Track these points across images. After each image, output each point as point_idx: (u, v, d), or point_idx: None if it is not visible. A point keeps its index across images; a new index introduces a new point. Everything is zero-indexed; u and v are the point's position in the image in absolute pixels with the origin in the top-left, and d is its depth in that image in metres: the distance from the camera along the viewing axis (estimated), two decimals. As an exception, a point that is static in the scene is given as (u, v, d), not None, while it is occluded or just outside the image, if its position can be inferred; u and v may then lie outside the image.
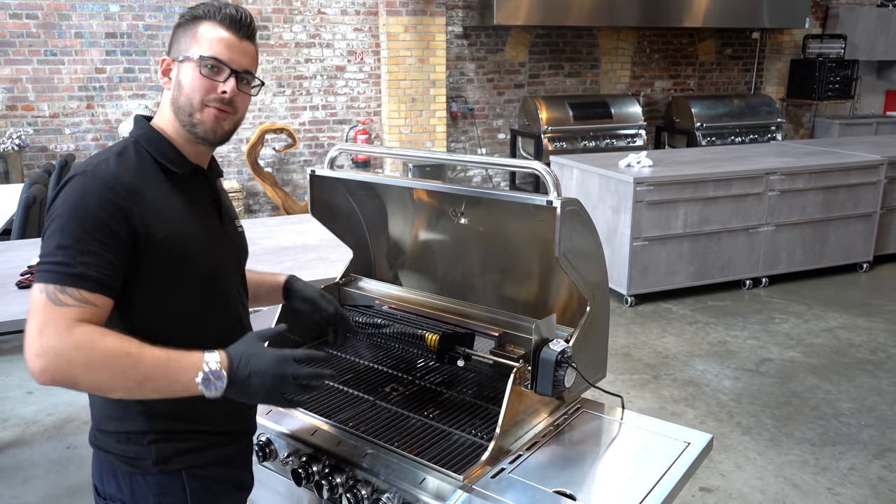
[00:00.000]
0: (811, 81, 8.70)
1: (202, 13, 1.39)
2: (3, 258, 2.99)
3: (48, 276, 1.20)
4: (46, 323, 1.16)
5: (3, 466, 3.18)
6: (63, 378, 1.16)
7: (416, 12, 7.11)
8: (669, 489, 1.48)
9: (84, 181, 1.26)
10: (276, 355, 1.29)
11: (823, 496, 2.98)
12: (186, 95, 1.37)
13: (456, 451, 1.60)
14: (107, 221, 1.24)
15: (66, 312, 1.18)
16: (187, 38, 1.38)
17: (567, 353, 1.60)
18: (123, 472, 1.37)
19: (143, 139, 1.39)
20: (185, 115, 1.38)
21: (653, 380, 4.03)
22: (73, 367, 1.16)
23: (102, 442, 1.38)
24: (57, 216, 1.23)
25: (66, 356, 1.16)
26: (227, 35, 1.37)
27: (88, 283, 1.21)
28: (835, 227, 5.68)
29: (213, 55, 1.36)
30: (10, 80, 6.22)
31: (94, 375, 1.18)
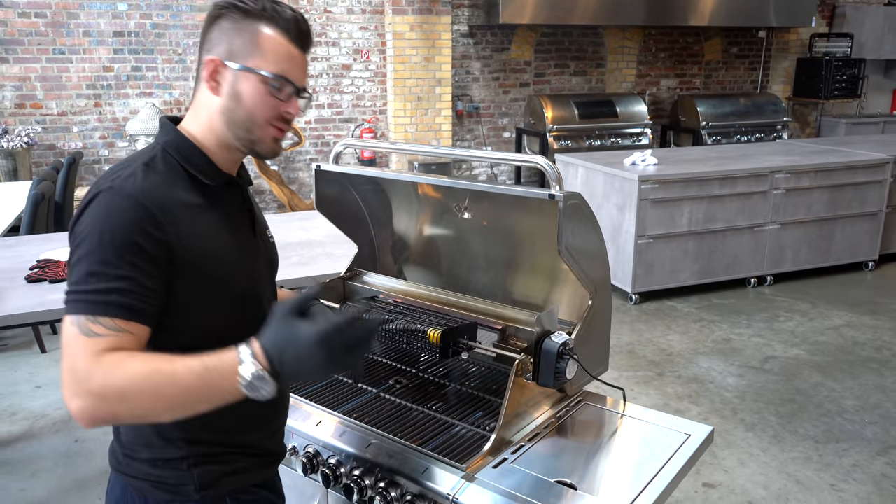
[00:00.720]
0: (818, 80, 8.68)
1: (258, 11, 1.22)
2: (13, 253, 3.02)
3: (79, 306, 1.08)
4: (76, 358, 1.06)
5: (12, 460, 3.22)
6: (105, 416, 1.07)
7: (422, 11, 7.13)
8: (669, 479, 1.50)
9: (111, 198, 1.13)
10: (317, 334, 1.09)
11: (826, 492, 2.98)
12: (247, 111, 1.24)
13: (459, 442, 1.62)
14: (139, 243, 1.12)
15: (96, 343, 1.07)
16: (244, 42, 1.22)
17: (569, 345, 1.62)
18: (159, 500, 1.25)
19: (172, 147, 1.25)
20: (243, 131, 1.25)
21: (657, 377, 4.04)
22: (108, 401, 1.06)
23: (132, 468, 1.26)
24: (84, 239, 1.12)
25: (98, 391, 1.05)
26: (295, 51, 1.26)
27: (122, 310, 1.10)
28: (840, 226, 5.67)
29: (285, 75, 1.23)
30: (18, 79, 6.27)
31: (132, 405, 1.07)
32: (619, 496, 1.44)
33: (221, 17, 1.24)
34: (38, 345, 4.31)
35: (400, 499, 1.52)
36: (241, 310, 1.30)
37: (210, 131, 1.27)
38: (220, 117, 1.25)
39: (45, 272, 2.69)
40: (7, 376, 4.01)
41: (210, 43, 1.25)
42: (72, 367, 1.06)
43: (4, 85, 6.24)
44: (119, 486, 1.29)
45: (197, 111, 1.28)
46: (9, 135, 5.95)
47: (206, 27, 1.26)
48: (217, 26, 1.24)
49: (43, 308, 2.36)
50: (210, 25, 1.26)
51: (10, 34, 6.17)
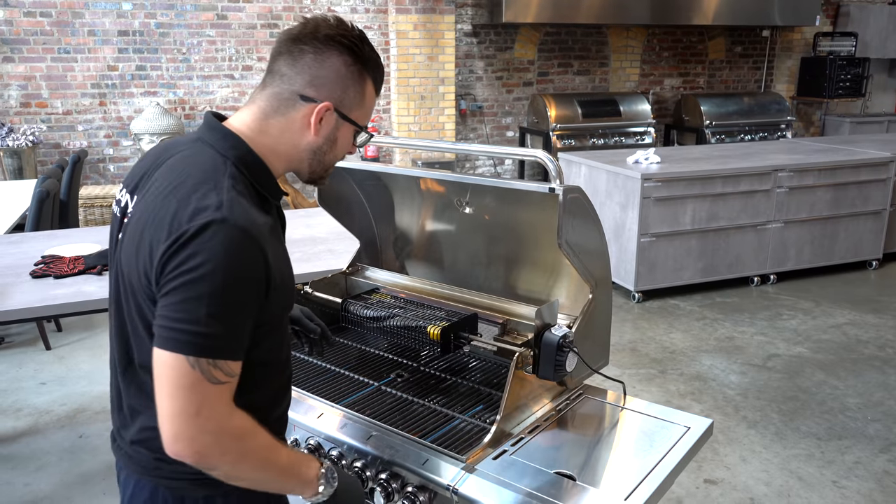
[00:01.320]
0: (822, 79, 8.67)
1: (368, 61, 1.25)
2: (18, 249, 3.04)
3: (197, 349, 1.07)
4: (203, 404, 1.08)
5: (17, 455, 3.24)
6: (208, 462, 1.12)
7: (426, 10, 7.15)
8: (668, 471, 1.51)
9: (228, 233, 1.08)
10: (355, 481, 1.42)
11: (828, 489, 2.99)
12: (336, 156, 1.31)
13: (459, 434, 1.63)
14: (254, 279, 1.11)
15: (222, 393, 1.10)
16: (356, 94, 1.26)
17: (569, 338, 1.63)
18: (197, 497, 1.25)
19: (244, 164, 1.20)
20: (322, 169, 1.31)
21: (659, 374, 4.05)
22: (225, 455, 1.12)
23: (167, 472, 1.24)
24: (203, 277, 1.06)
25: (224, 445, 1.11)
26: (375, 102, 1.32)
27: (237, 353, 1.12)
28: (844, 225, 5.67)
29: (371, 132, 1.33)
30: (24, 78, 6.30)
31: (239, 468, 1.15)
32: (619, 487, 1.45)
33: (335, 52, 1.22)
34: (42, 342, 4.34)
35: (400, 490, 1.53)
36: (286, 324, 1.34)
37: (283, 157, 1.26)
38: (307, 154, 1.27)
39: (49, 267, 2.70)
40: (12, 373, 4.04)
41: (320, 79, 1.22)
42: (197, 411, 1.08)
43: (10, 84, 6.28)
44: (147, 490, 1.27)
45: (271, 132, 1.24)
46: (14, 133, 5.99)
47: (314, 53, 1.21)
48: (330, 63, 1.22)
49: (47, 303, 2.38)
50: (320, 55, 1.21)
51: (16, 33, 6.20)
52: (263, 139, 1.24)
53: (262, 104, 1.24)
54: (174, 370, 1.07)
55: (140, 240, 1.16)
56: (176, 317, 1.08)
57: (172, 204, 1.12)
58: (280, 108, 1.23)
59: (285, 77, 1.23)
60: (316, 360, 1.99)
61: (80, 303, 2.41)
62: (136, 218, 1.20)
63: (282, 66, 1.23)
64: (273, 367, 1.28)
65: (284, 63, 1.23)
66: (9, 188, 4.99)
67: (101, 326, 4.61)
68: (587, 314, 1.78)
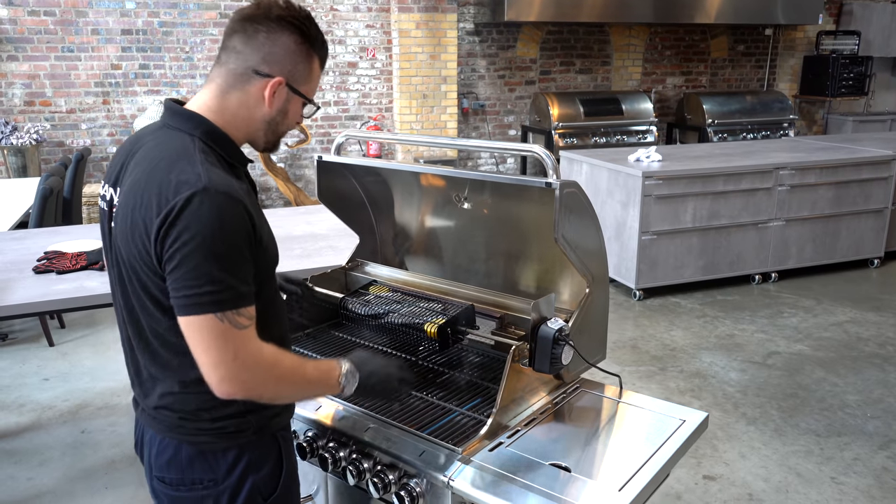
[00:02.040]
0: (824, 78, 8.66)
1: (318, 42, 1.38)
2: (21, 245, 3.07)
3: (220, 304, 1.21)
4: (239, 349, 1.24)
5: (20, 450, 3.26)
6: (254, 393, 1.30)
7: (428, 9, 7.16)
8: (663, 463, 1.52)
9: (213, 199, 1.20)
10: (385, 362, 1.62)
11: (827, 485, 2.99)
12: (287, 126, 1.42)
13: (456, 427, 1.64)
14: (244, 233, 1.25)
15: (249, 334, 1.26)
16: (305, 70, 1.37)
17: (565, 331, 1.64)
18: (218, 450, 1.38)
19: (210, 137, 1.32)
20: (276, 137, 1.43)
21: (659, 371, 4.06)
22: (266, 383, 1.30)
23: (191, 428, 1.36)
24: (202, 242, 1.19)
25: (262, 375, 1.28)
26: None
27: (251, 299, 1.27)
28: (846, 223, 5.67)
29: (318, 104, 1.45)
30: (28, 76, 6.33)
31: (280, 390, 1.35)
32: (613, 478, 1.46)
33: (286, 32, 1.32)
34: (46, 338, 4.36)
35: (397, 482, 1.54)
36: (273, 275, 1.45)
37: (241, 129, 1.37)
38: (262, 125, 1.38)
39: (52, 263, 2.73)
40: (16, 369, 4.06)
41: (273, 56, 1.33)
42: (235, 356, 1.23)
43: (14, 83, 6.31)
44: (172, 447, 1.39)
45: (229, 107, 1.35)
46: (18, 132, 6.02)
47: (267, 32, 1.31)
48: (282, 42, 1.32)
49: (49, 298, 2.40)
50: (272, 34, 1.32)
51: (20, 32, 6.23)
52: (223, 114, 1.35)
53: (219, 81, 1.35)
54: (205, 329, 1.21)
55: (132, 223, 1.26)
56: (191, 284, 1.20)
57: (155, 184, 1.24)
58: (237, 84, 1.34)
59: (241, 54, 1.33)
60: (313, 354, 2.01)
61: (81, 297, 2.43)
62: (122, 205, 1.30)
63: (237, 43, 1.33)
64: (274, 311, 1.44)
65: (239, 41, 1.33)
66: (13, 186, 5.01)
67: (103, 323, 4.63)
68: (584, 309, 1.79)
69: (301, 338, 2.12)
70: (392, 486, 1.54)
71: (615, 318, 4.84)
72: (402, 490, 1.52)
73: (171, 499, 1.41)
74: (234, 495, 1.39)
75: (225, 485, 1.38)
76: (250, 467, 1.40)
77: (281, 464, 1.45)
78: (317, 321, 2.20)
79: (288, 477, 1.47)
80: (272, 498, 1.43)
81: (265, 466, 1.42)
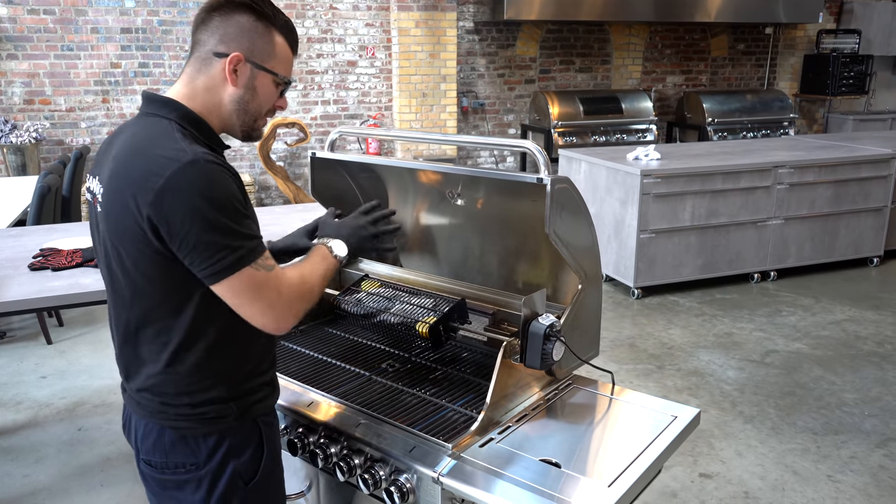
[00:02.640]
0: (825, 77, 8.65)
1: (272, 17, 1.39)
2: (17, 242, 3.07)
3: (248, 258, 1.28)
4: (280, 285, 1.34)
5: (16, 447, 3.27)
6: (302, 314, 1.40)
7: (428, 7, 7.16)
8: (653, 458, 1.52)
9: (201, 169, 1.24)
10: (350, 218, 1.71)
11: (823, 483, 2.99)
12: (259, 104, 1.42)
13: (447, 423, 1.64)
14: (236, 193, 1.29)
15: (279, 272, 1.35)
16: (265, 45, 1.39)
17: (556, 327, 1.64)
18: (199, 435, 1.40)
19: (186, 121, 1.35)
20: (251, 119, 1.42)
21: (657, 370, 4.05)
22: (306, 299, 1.41)
23: (172, 412, 1.39)
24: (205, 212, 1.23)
25: (302, 297, 1.39)
26: (291, 55, 1.45)
27: (263, 244, 1.35)
28: (845, 221, 5.66)
29: (288, 76, 1.44)
30: (27, 75, 6.34)
31: (314, 295, 1.43)
32: (603, 474, 1.46)
33: (238, 12, 1.36)
34: (44, 336, 4.37)
35: (387, 477, 1.54)
36: None
37: (215, 113, 1.39)
38: (232, 105, 1.39)
39: (47, 260, 2.73)
40: (13, 366, 4.07)
41: (228, 35, 1.36)
42: (279, 293, 1.33)
43: (13, 81, 6.31)
44: (154, 432, 1.41)
45: (197, 92, 1.38)
46: (17, 130, 6.02)
47: (220, 16, 1.36)
48: (235, 21, 1.36)
49: (44, 294, 2.40)
50: (225, 16, 1.36)
51: (19, 31, 6.23)
52: (195, 99, 1.38)
53: (188, 70, 1.39)
54: (247, 283, 1.29)
55: (121, 204, 1.28)
56: (213, 251, 1.25)
57: (140, 164, 1.27)
58: (202, 69, 1.38)
59: (201, 42, 1.38)
60: (307, 350, 2.01)
61: (76, 294, 2.43)
62: (108, 191, 1.33)
63: (199, 34, 1.38)
64: None
65: (200, 32, 1.38)
66: (12, 184, 5.02)
67: (102, 321, 4.63)
68: (576, 305, 1.79)
69: (295, 334, 2.13)
70: (382, 481, 1.54)
71: (613, 316, 4.84)
72: (393, 486, 1.51)
73: (156, 481, 1.45)
74: (216, 480, 1.41)
75: (206, 469, 1.41)
76: (231, 452, 1.42)
77: (262, 449, 1.47)
78: (310, 318, 2.20)
79: (269, 461, 1.49)
80: (253, 482, 1.45)
81: (246, 452, 1.44)
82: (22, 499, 2.90)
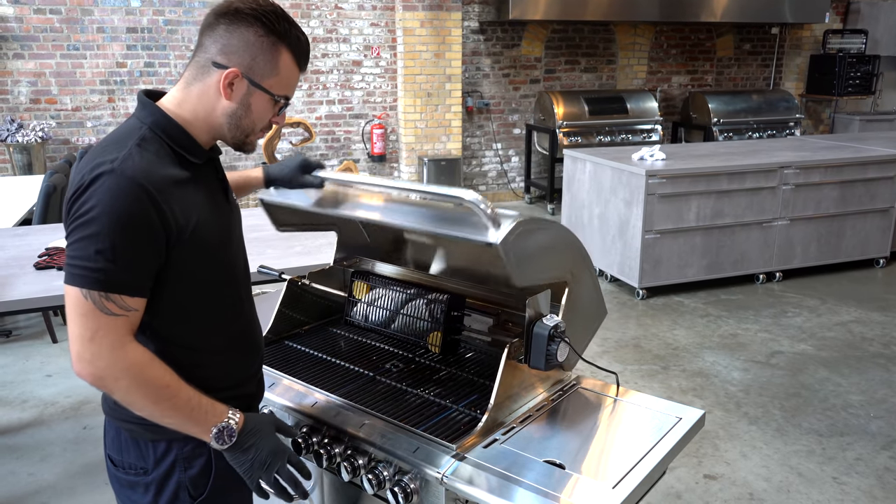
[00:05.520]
0: (831, 77, 8.63)
1: (283, 34, 1.33)
2: (23, 242, 3.08)
3: (89, 281, 1.20)
4: (97, 331, 1.22)
5: (22, 445, 3.28)
6: (103, 387, 1.26)
7: (433, 7, 7.16)
8: (658, 460, 1.51)
9: (116, 181, 1.21)
10: (279, 444, 1.43)
11: (829, 485, 2.98)
12: (253, 122, 1.37)
13: (451, 423, 1.64)
14: (143, 223, 1.23)
15: (115, 324, 1.23)
16: (267, 62, 1.33)
17: (560, 328, 1.63)
18: (146, 440, 1.38)
19: (158, 127, 1.33)
20: (242, 135, 1.38)
21: (662, 370, 4.04)
22: (117, 383, 1.25)
23: (123, 413, 1.36)
24: (92, 219, 1.20)
25: (115, 374, 1.24)
26: (297, 74, 1.39)
27: (130, 289, 1.23)
28: (851, 222, 5.64)
29: (287, 94, 1.39)
30: (33, 74, 6.36)
31: (132, 396, 1.27)
32: (607, 475, 1.45)
33: (245, 24, 1.31)
34: (49, 335, 4.38)
35: (392, 478, 1.54)
36: (227, 275, 1.44)
37: (204, 121, 1.36)
38: (224, 118, 1.36)
39: (53, 259, 2.73)
40: (19, 365, 4.08)
41: (230, 47, 1.32)
42: (91, 336, 1.22)
43: (20, 81, 6.34)
44: (112, 429, 1.43)
45: (190, 99, 1.35)
46: (24, 130, 6.05)
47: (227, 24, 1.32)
48: (239, 33, 1.31)
49: (50, 293, 2.41)
50: (231, 26, 1.31)
51: (26, 30, 6.26)
52: (183, 104, 1.35)
53: (186, 75, 1.37)
54: (72, 300, 1.22)
55: None
56: (73, 255, 1.22)
57: (83, 165, 1.27)
58: (199, 76, 1.35)
59: (204, 48, 1.34)
60: (312, 351, 2.01)
61: (82, 294, 2.43)
62: None
63: (203, 39, 1.35)
64: (203, 314, 1.39)
65: (205, 36, 1.35)
66: (18, 183, 5.04)
67: (107, 320, 4.64)
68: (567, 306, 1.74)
69: (300, 334, 2.13)
70: (386, 482, 1.54)
71: (618, 316, 4.83)
72: (396, 486, 1.51)
73: (115, 478, 1.46)
74: (161, 488, 1.40)
75: (153, 475, 1.40)
76: (178, 463, 1.40)
77: (212, 466, 1.42)
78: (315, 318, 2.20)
79: (218, 480, 1.43)
80: (201, 498, 1.42)
81: (194, 466, 1.41)
82: (27, 497, 2.91)
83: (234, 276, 1.46)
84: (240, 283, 1.49)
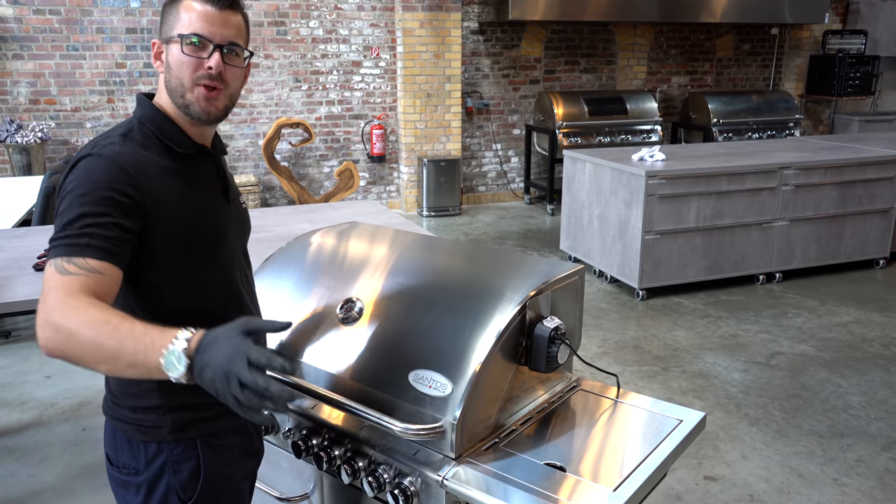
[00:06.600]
0: (831, 77, 8.63)
1: None
2: (22, 243, 3.07)
3: (58, 250, 1.21)
4: (50, 293, 1.16)
5: (21, 447, 3.27)
6: (55, 349, 1.14)
7: (432, 8, 7.16)
8: (659, 463, 1.51)
9: (92, 161, 1.27)
10: (232, 349, 1.10)
11: (829, 486, 2.98)
12: (175, 76, 1.35)
13: (452, 425, 1.63)
14: (114, 196, 1.24)
15: (69, 281, 1.17)
16: (171, 18, 1.36)
17: (560, 330, 1.63)
18: (138, 441, 1.40)
19: (147, 119, 1.38)
20: (178, 97, 1.36)
21: (661, 371, 4.04)
22: (60, 336, 1.13)
23: (118, 413, 1.41)
24: (66, 195, 1.25)
25: (56, 325, 1.13)
26: (206, 8, 1.33)
27: (93, 251, 1.20)
28: (851, 223, 5.63)
29: (194, 31, 1.33)
30: (33, 75, 6.35)
31: (76, 345, 1.13)
32: (608, 478, 1.45)
33: (164, 6, 1.39)
34: (49, 336, 4.37)
35: (392, 480, 1.54)
36: (214, 264, 1.45)
37: (169, 105, 1.40)
38: (165, 91, 1.40)
39: (52, 261, 2.73)
40: (18, 366, 4.08)
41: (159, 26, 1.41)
42: (44, 299, 1.18)
43: (19, 81, 6.33)
44: (110, 428, 1.45)
45: (160, 91, 1.43)
46: (23, 130, 6.04)
47: None
48: (161, 16, 1.40)
49: (49, 295, 2.40)
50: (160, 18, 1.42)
51: (25, 31, 6.25)
52: (161, 94, 1.42)
53: None
54: (45, 274, 1.21)
55: None
56: (56, 230, 1.25)
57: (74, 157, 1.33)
58: None
59: None
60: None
61: (81, 295, 2.43)
62: None
63: None
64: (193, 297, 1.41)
65: None
66: (17, 184, 5.03)
67: (106, 321, 4.63)
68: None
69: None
70: (387, 484, 1.54)
71: (617, 317, 4.83)
72: (397, 489, 1.51)
73: (110, 476, 1.48)
74: (151, 490, 1.40)
75: (144, 476, 1.40)
76: (168, 466, 1.40)
77: (200, 471, 1.42)
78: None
79: (212, 486, 1.43)
80: (191, 502, 1.42)
81: (184, 470, 1.41)
82: (26, 499, 2.91)
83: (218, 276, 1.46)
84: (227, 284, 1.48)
